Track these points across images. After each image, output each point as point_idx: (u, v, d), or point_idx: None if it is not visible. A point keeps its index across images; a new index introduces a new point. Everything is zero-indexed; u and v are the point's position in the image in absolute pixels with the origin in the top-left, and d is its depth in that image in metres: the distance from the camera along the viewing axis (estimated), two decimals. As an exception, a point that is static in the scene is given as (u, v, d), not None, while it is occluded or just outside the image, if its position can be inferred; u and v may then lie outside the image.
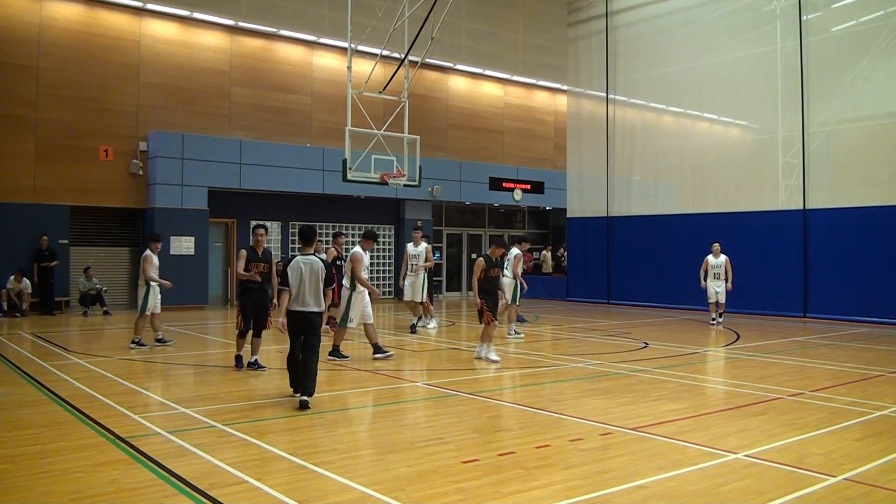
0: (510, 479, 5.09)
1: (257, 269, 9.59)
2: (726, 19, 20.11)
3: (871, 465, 5.47)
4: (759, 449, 5.85)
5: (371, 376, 9.44)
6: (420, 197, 23.07)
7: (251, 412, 7.30)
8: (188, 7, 20.00)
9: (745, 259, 18.72)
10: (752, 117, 20.52)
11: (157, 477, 5.09)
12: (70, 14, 18.79)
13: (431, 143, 23.38)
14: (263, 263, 9.71)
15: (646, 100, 22.44)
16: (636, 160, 22.33)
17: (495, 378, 9.42)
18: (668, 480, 5.09)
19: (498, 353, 10.71)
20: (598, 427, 6.63)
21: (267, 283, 9.78)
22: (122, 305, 19.47)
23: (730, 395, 8.18)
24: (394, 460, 5.56)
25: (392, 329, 15.18)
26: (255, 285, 9.59)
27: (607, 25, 22.80)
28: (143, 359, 10.80)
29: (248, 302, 9.59)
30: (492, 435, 6.33)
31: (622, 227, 22.00)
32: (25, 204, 17.68)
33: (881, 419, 7.08)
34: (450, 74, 25.86)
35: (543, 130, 28.65)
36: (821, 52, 18.06)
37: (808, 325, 16.42)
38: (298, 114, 22.30)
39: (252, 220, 21.59)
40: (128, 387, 8.51)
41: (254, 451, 5.77)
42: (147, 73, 19.76)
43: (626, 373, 9.85)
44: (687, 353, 11.69)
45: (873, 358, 11.36)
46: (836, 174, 17.99)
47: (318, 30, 22.15)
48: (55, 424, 6.73)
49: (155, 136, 19.34)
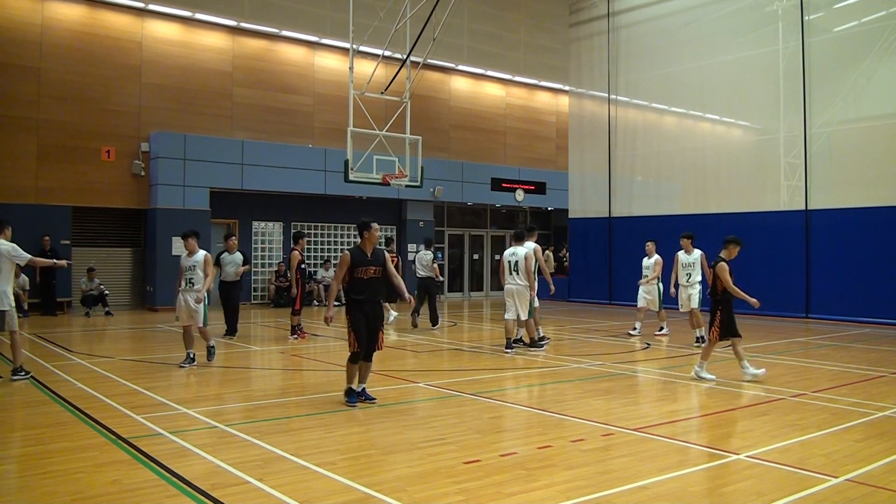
0: (512, 480, 5.09)
1: (367, 275, 7.55)
2: (728, 20, 20.09)
3: (874, 466, 5.46)
4: (761, 450, 5.84)
5: (372, 377, 9.43)
6: (422, 197, 23.07)
7: (253, 413, 7.30)
8: (190, 8, 20.02)
9: (747, 260, 18.63)
10: (754, 118, 20.51)
11: (158, 477, 5.09)
12: (72, 15, 18.81)
13: (433, 144, 23.37)
14: (374, 267, 7.61)
15: (648, 100, 22.43)
16: (638, 161, 22.32)
17: (497, 379, 9.41)
18: (669, 481, 5.08)
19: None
20: (599, 428, 6.62)
21: (381, 291, 7.77)
22: (123, 306, 19.49)
23: (732, 396, 8.17)
24: (396, 461, 5.56)
25: (393, 328, 15.17)
26: (369, 295, 7.58)
27: (609, 26, 22.79)
28: (144, 359, 10.80)
29: (360, 316, 7.57)
30: (494, 436, 6.33)
31: (624, 227, 21.97)
32: (27, 205, 17.69)
33: (883, 420, 7.07)
34: (451, 75, 25.86)
35: (545, 131, 28.64)
36: (823, 53, 18.05)
37: (811, 326, 16.39)
38: (300, 114, 22.32)
39: (254, 221, 21.74)
40: (129, 387, 8.51)
41: (256, 451, 5.77)
42: (149, 74, 19.78)
43: (628, 373, 9.85)
44: (689, 354, 11.67)
45: (875, 358, 11.35)
46: (838, 175, 17.97)
47: (319, 30, 22.16)
48: (57, 425, 6.73)
49: (157, 137, 19.36)
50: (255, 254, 21.74)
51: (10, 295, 8.74)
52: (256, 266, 21.76)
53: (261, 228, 21.98)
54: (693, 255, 12.78)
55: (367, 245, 7.61)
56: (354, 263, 7.48)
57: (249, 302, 21.42)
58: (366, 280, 7.53)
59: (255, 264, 21.74)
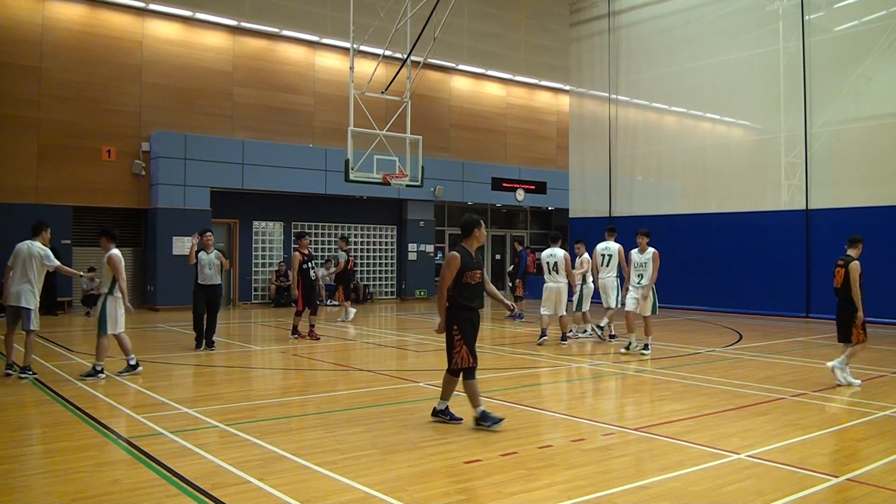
0: (513, 480, 5.09)
1: (475, 279, 6.68)
2: (729, 19, 20.08)
3: (874, 466, 5.46)
4: (762, 449, 5.84)
5: (373, 376, 9.45)
6: (422, 197, 23.07)
7: (254, 412, 7.30)
8: (190, 7, 20.02)
9: (747, 259, 18.72)
10: (754, 117, 20.50)
11: (159, 477, 5.09)
12: (72, 14, 18.81)
13: (434, 144, 23.38)
14: (480, 270, 6.80)
15: (648, 100, 22.42)
16: (639, 160, 22.31)
17: (497, 379, 9.41)
18: (670, 481, 5.08)
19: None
20: (600, 427, 6.62)
21: (481, 295, 6.83)
22: (124, 306, 19.47)
23: (732, 396, 8.17)
24: (396, 460, 5.55)
25: (394, 328, 15.17)
26: (478, 303, 6.75)
27: (610, 25, 22.78)
28: (145, 359, 10.80)
29: (470, 327, 6.69)
30: (494, 435, 6.33)
31: (625, 227, 21.93)
32: (28, 204, 17.68)
33: (884, 419, 7.07)
34: (452, 75, 25.86)
35: (546, 131, 28.64)
36: (823, 52, 18.04)
37: (811, 326, 16.38)
38: (301, 114, 22.32)
39: (254, 221, 21.73)
40: (130, 387, 8.52)
41: (256, 451, 5.77)
42: (149, 74, 19.78)
43: (629, 373, 9.84)
44: (689, 354, 11.67)
45: (876, 358, 11.35)
46: (839, 174, 17.95)
47: (320, 30, 22.16)
48: (58, 424, 6.74)
49: (157, 137, 19.36)
50: (256, 253, 21.75)
51: (36, 295, 9.08)
52: (257, 266, 21.78)
53: (261, 228, 21.98)
54: (646, 255, 11.58)
55: (473, 246, 6.72)
56: (464, 267, 6.54)
57: (250, 302, 21.43)
58: (473, 285, 6.63)
59: (256, 264, 21.76)
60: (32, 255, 9.08)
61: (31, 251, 9.10)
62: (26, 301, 9.00)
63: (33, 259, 9.08)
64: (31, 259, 9.07)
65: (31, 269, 9.04)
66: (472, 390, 6.61)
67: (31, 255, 9.08)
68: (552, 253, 12.56)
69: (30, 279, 9.04)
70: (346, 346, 12.93)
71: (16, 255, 9.10)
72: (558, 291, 12.44)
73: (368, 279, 23.82)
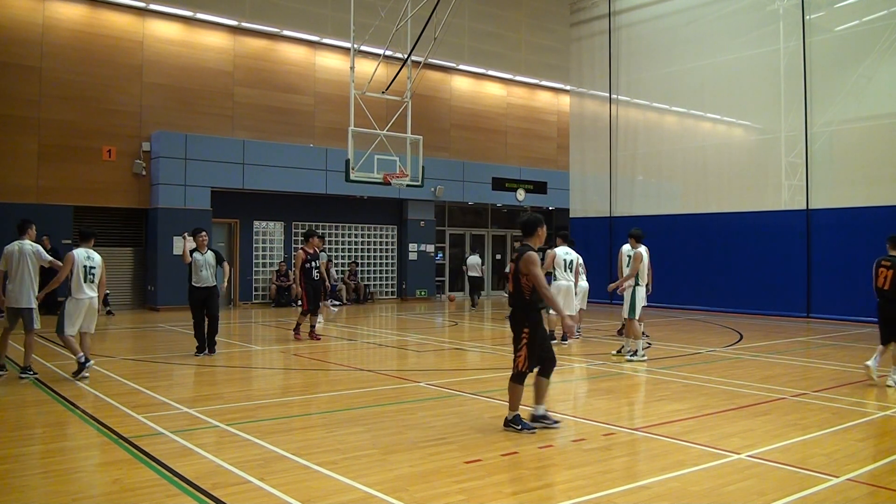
0: (513, 480, 5.09)
1: None
2: (729, 19, 20.09)
3: (875, 466, 5.46)
4: (763, 449, 5.84)
5: (373, 376, 9.45)
6: (423, 197, 23.07)
7: (254, 412, 7.30)
8: (191, 7, 20.03)
9: (747, 259, 18.71)
10: (754, 117, 20.50)
11: (160, 477, 5.09)
12: (73, 14, 18.82)
13: (434, 144, 23.38)
14: None
15: (649, 100, 22.42)
16: (639, 160, 22.31)
17: (498, 378, 9.40)
18: (671, 481, 5.08)
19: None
20: (600, 427, 6.62)
21: None
22: (125, 306, 19.50)
23: (733, 396, 8.17)
24: (397, 460, 5.55)
25: (394, 328, 15.18)
26: (542, 303, 6.43)
27: (610, 25, 22.79)
28: (145, 359, 10.81)
29: (543, 331, 6.50)
30: (495, 435, 6.33)
31: (625, 227, 21.93)
32: (29, 204, 17.67)
33: (884, 420, 7.06)
34: (453, 74, 25.86)
35: (546, 130, 28.64)
36: (824, 52, 18.04)
37: (812, 326, 16.38)
38: (301, 114, 22.32)
39: (255, 221, 21.74)
40: (131, 387, 8.52)
41: (257, 450, 5.78)
42: (150, 74, 19.79)
43: (629, 373, 9.84)
44: (690, 354, 11.67)
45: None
46: (840, 174, 17.95)
47: (320, 30, 22.16)
48: (58, 424, 6.74)
49: (158, 137, 19.37)
50: (256, 253, 21.75)
51: (35, 294, 9.06)
52: (258, 266, 21.78)
53: (262, 228, 21.98)
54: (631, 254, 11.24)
55: (536, 245, 6.47)
56: None
57: (250, 302, 21.44)
58: None
59: (257, 264, 21.76)
60: (25, 253, 9.04)
61: (23, 250, 9.05)
62: (27, 301, 8.99)
63: (27, 257, 9.04)
64: (26, 258, 9.03)
65: (26, 268, 9.01)
66: (540, 393, 6.53)
67: (24, 254, 9.03)
68: (568, 251, 12.67)
69: (28, 279, 9.01)
70: (346, 346, 12.94)
71: (7, 257, 9.00)
72: (568, 290, 12.43)
73: (369, 279, 23.82)
